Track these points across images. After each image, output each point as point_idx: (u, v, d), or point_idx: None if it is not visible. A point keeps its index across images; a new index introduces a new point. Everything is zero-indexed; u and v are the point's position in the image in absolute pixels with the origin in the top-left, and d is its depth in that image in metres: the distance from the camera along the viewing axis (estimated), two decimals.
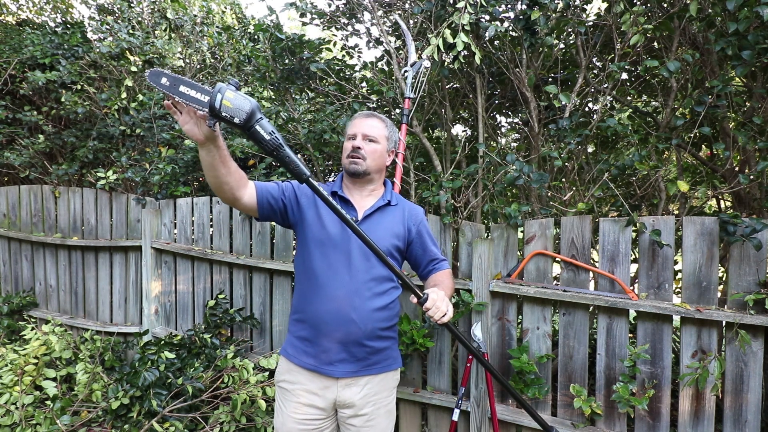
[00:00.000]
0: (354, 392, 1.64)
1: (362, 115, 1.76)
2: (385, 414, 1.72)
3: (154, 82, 1.32)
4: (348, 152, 1.70)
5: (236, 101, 1.30)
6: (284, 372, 1.70)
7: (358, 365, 1.64)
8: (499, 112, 3.60)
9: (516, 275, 2.42)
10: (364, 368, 1.65)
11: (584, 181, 2.95)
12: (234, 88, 1.31)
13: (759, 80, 2.40)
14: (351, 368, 1.63)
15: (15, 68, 4.25)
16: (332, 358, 1.62)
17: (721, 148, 2.26)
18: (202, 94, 1.31)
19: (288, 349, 1.71)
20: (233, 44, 4.36)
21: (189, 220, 3.46)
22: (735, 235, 1.96)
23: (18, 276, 4.33)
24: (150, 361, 2.68)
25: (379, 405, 1.69)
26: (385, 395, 1.72)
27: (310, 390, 1.63)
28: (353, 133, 1.72)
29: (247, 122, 1.32)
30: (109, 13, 4.98)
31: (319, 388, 1.63)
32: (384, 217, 1.72)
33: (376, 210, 1.70)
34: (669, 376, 2.12)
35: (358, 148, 1.68)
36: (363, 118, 1.74)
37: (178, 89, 1.30)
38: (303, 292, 1.67)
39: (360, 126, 1.72)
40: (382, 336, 1.68)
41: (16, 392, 2.75)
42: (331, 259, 1.62)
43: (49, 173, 4.17)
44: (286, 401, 1.67)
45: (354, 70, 3.72)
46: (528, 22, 2.46)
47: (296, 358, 1.66)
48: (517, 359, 2.31)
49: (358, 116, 1.77)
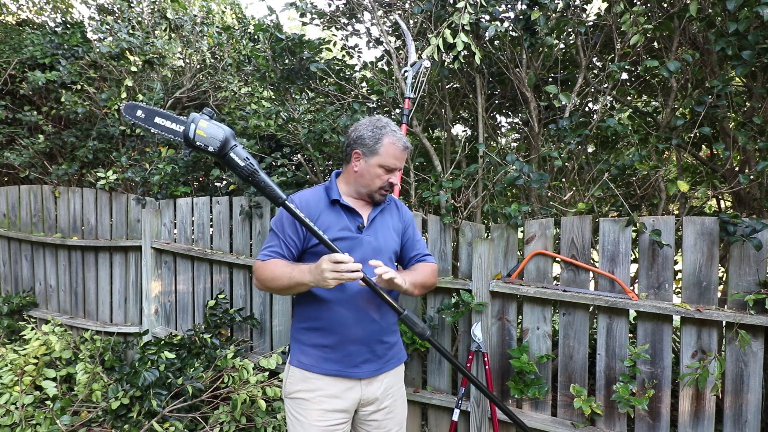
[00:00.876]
0: (376, 388, 1.67)
1: (401, 146, 1.63)
2: (401, 404, 1.77)
3: (129, 115, 1.39)
4: (382, 184, 1.63)
5: (209, 130, 1.35)
6: (298, 382, 1.64)
7: (379, 363, 1.67)
8: (499, 112, 3.60)
9: (516, 275, 2.42)
10: (384, 364, 1.69)
11: (584, 181, 2.95)
12: (208, 117, 1.36)
13: (759, 80, 2.40)
14: (374, 367, 1.65)
15: (15, 68, 4.25)
16: (356, 360, 1.62)
17: (721, 148, 2.26)
18: (177, 124, 1.36)
19: (302, 359, 1.64)
20: (233, 44, 4.36)
21: (189, 220, 3.45)
22: (735, 235, 1.96)
23: (18, 276, 4.33)
24: (150, 361, 2.68)
25: (396, 396, 1.74)
26: (400, 386, 1.78)
27: (332, 394, 1.61)
28: (393, 165, 1.62)
29: (221, 150, 1.37)
30: (109, 13, 4.99)
31: (341, 391, 1.62)
32: (384, 218, 1.73)
33: (378, 213, 1.70)
34: (669, 376, 2.12)
35: (394, 185, 1.65)
36: (405, 153, 1.64)
37: (153, 121, 1.35)
38: (317, 301, 1.62)
39: (401, 161, 1.64)
40: (394, 330, 1.73)
41: (16, 392, 2.74)
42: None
43: (49, 173, 4.17)
44: (306, 411, 1.61)
45: (354, 70, 3.72)
46: (528, 22, 2.46)
47: (316, 367, 1.62)
48: (517, 359, 2.31)
49: (399, 146, 1.62)
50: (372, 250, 1.63)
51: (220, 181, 3.70)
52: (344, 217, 1.63)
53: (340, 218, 1.62)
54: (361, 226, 1.64)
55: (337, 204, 1.65)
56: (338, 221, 1.62)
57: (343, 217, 1.63)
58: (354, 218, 1.65)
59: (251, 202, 3.11)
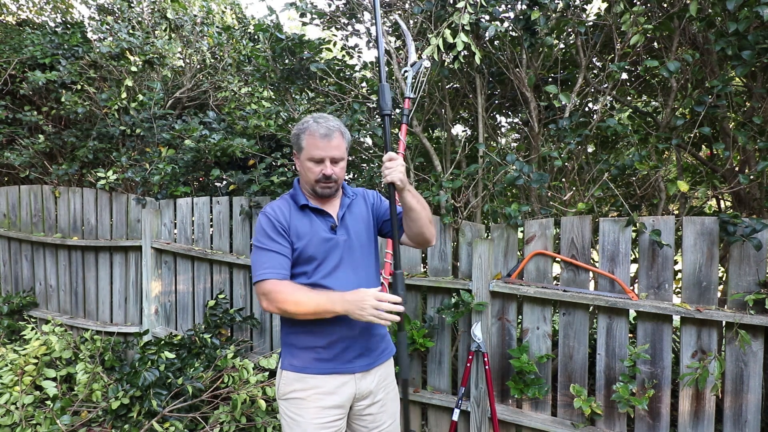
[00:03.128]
0: (370, 381, 1.67)
1: (321, 134, 1.57)
2: (393, 397, 1.77)
3: None
4: (317, 177, 1.59)
5: None
6: (292, 382, 1.63)
7: (372, 356, 1.67)
8: (499, 112, 3.60)
9: (516, 275, 2.42)
10: (377, 358, 1.69)
11: (584, 181, 2.95)
12: None
13: (759, 80, 2.40)
14: (367, 361, 1.66)
15: (15, 68, 4.25)
16: (350, 356, 1.62)
17: (721, 148, 2.26)
18: None
19: (294, 362, 1.63)
20: (233, 44, 4.36)
21: (189, 220, 3.46)
22: (735, 235, 1.96)
23: (18, 276, 4.33)
24: (150, 361, 2.68)
25: (389, 390, 1.74)
26: (391, 379, 1.78)
27: (327, 391, 1.61)
28: (318, 155, 1.58)
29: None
30: (109, 13, 4.99)
31: (336, 387, 1.62)
32: (353, 213, 1.71)
33: (346, 208, 1.69)
34: (669, 376, 2.12)
35: (329, 176, 1.59)
36: (326, 141, 1.57)
37: None
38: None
39: (326, 149, 1.58)
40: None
41: (16, 392, 2.74)
42: (328, 267, 1.60)
43: (49, 173, 4.17)
44: (303, 410, 1.60)
45: (354, 70, 3.72)
46: (528, 22, 2.46)
47: (309, 368, 1.61)
48: (517, 359, 2.31)
49: (317, 136, 1.57)
50: (349, 248, 1.63)
51: (220, 181, 3.70)
52: (316, 220, 1.63)
53: (313, 222, 1.62)
54: (334, 226, 1.63)
55: (306, 208, 1.63)
56: (312, 225, 1.62)
57: (315, 221, 1.63)
58: (325, 219, 1.64)
59: (251, 202, 3.11)
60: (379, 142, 3.28)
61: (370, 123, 3.14)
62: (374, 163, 3.45)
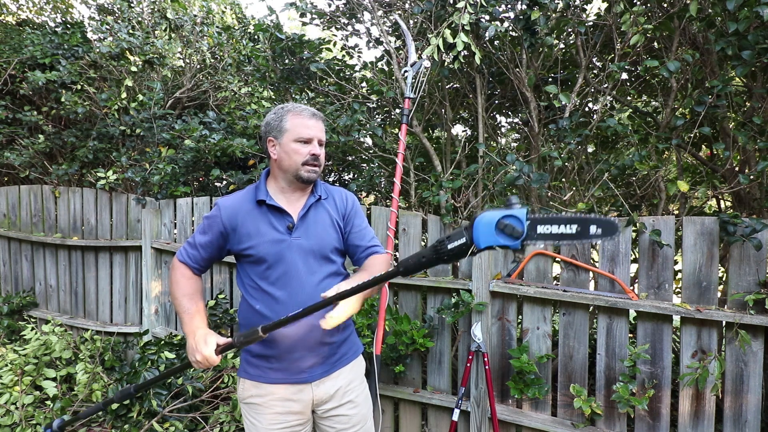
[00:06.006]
0: (329, 387, 1.62)
1: (308, 114, 1.58)
2: (364, 400, 1.72)
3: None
4: (305, 158, 1.54)
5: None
6: (250, 388, 1.61)
7: (327, 365, 1.62)
8: (499, 112, 3.60)
9: (516, 275, 2.42)
10: (333, 365, 1.64)
11: (584, 181, 2.95)
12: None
13: (759, 80, 2.40)
14: (322, 369, 1.61)
15: (15, 68, 4.25)
16: (302, 366, 1.57)
17: (721, 148, 2.26)
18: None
19: (248, 370, 1.61)
20: (233, 44, 4.36)
21: (189, 220, 3.45)
22: (735, 235, 1.96)
23: (18, 276, 4.33)
24: (150, 361, 2.68)
25: (358, 392, 1.69)
26: (359, 381, 1.72)
27: (284, 397, 1.58)
28: (309, 137, 1.55)
29: None
30: (109, 13, 4.99)
31: (292, 393, 1.59)
32: (318, 214, 1.62)
33: (309, 208, 1.61)
34: (669, 376, 2.12)
35: (317, 155, 1.56)
36: (314, 120, 1.58)
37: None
38: (258, 315, 1.56)
39: (315, 129, 1.57)
40: (340, 327, 1.63)
41: (16, 392, 2.74)
42: (278, 272, 1.54)
43: (49, 173, 4.16)
44: (260, 415, 1.59)
45: (354, 70, 3.72)
46: (528, 22, 2.46)
47: (263, 377, 1.59)
48: (517, 359, 2.31)
49: (305, 115, 1.57)
50: (304, 252, 1.55)
51: (220, 181, 3.70)
52: (271, 219, 1.56)
53: (268, 221, 1.55)
54: (291, 226, 1.56)
55: (263, 205, 1.56)
56: (262, 225, 1.55)
57: (270, 219, 1.55)
58: (282, 218, 1.56)
59: None
60: (379, 142, 3.28)
61: (370, 123, 3.14)
62: (374, 163, 3.45)
